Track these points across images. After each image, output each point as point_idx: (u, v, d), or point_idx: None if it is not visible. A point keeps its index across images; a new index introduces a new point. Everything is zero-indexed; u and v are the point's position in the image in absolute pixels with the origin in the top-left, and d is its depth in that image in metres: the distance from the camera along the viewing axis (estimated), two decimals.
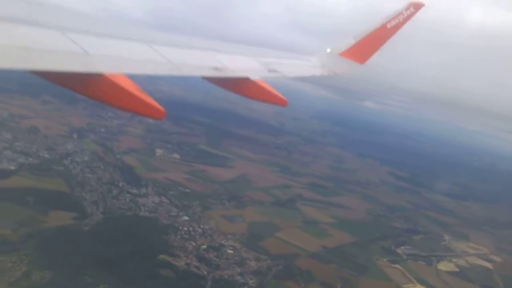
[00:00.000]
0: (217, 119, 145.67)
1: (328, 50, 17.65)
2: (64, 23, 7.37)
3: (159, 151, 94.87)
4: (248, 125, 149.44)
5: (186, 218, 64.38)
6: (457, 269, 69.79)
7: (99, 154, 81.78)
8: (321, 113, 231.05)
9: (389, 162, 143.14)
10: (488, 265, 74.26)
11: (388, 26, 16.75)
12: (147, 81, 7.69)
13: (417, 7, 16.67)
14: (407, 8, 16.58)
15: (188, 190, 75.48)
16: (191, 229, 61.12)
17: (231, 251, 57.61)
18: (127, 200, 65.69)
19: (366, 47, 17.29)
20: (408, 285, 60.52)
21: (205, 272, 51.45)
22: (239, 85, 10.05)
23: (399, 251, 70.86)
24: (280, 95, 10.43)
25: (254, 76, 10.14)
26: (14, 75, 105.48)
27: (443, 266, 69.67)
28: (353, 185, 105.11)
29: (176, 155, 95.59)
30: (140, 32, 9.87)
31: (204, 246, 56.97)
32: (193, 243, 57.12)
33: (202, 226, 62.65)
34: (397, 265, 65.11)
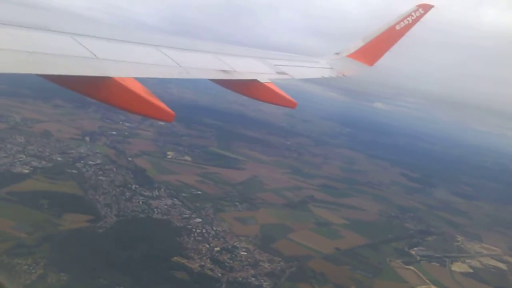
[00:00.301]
0: (227, 121, 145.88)
1: (337, 52, 17.80)
2: (73, 28, 7.61)
3: (170, 154, 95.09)
4: (258, 127, 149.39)
5: (199, 220, 64.43)
6: (471, 270, 69.25)
7: (111, 157, 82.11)
8: (331, 115, 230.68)
9: (400, 163, 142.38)
10: (502, 266, 73.65)
11: (397, 27, 16.94)
12: (157, 85, 7.78)
13: (426, 8, 16.86)
14: (416, 10, 16.81)
15: (200, 192, 75.53)
16: (204, 231, 61.18)
17: (245, 253, 57.56)
18: (140, 202, 65.85)
19: (375, 49, 17.45)
20: (423, 287, 60.13)
21: (219, 274, 51.36)
22: (247, 87, 10.18)
23: (412, 252, 70.46)
24: (289, 97, 10.56)
25: (262, 79, 10.32)
26: (26, 81, 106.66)
27: (457, 267, 69.18)
28: (364, 186, 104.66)
29: (188, 158, 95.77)
30: (149, 36, 10.02)
31: (218, 248, 56.95)
32: (207, 245, 57.14)
33: (215, 228, 62.71)
34: (411, 267, 64.66)
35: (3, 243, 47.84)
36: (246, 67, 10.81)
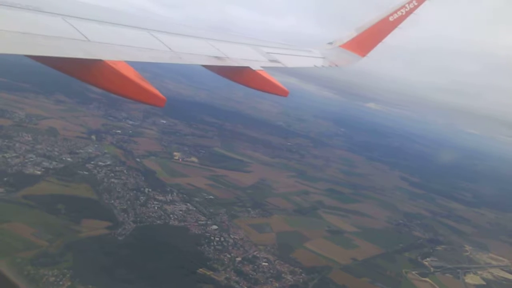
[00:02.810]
0: (226, 119, 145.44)
1: (330, 42, 17.60)
2: (65, 10, 7.44)
3: (177, 154, 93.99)
4: (256, 126, 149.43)
5: (215, 227, 63.65)
6: (483, 282, 69.53)
7: (120, 158, 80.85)
8: (325, 114, 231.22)
9: (399, 166, 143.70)
10: None
11: (390, 19, 16.76)
12: (151, 79, 7.72)
13: (420, 1, 16.70)
14: (410, 2, 16.63)
15: (212, 197, 74.69)
16: (222, 239, 60.45)
17: (266, 264, 56.95)
18: (156, 208, 64.84)
19: (367, 39, 17.27)
20: None
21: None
22: (240, 74, 10.11)
23: (425, 263, 70.50)
24: (281, 85, 10.46)
25: (255, 66, 10.25)
26: (26, 74, 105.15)
27: (470, 279, 69.43)
28: (368, 191, 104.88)
29: (194, 159, 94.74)
30: (141, 20, 9.92)
31: (239, 259, 56.23)
32: (228, 255, 56.40)
33: (232, 236, 62.00)
34: (427, 279, 64.74)
35: (26, 251, 46.72)
36: (239, 54, 10.73)
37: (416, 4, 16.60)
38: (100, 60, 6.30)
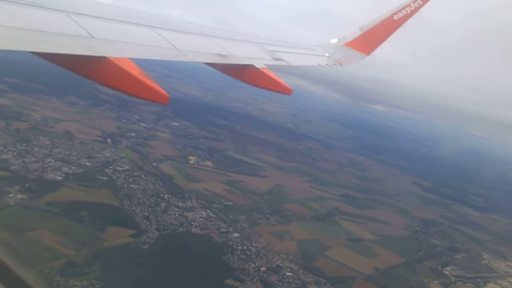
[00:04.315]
0: (236, 121, 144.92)
1: (334, 40, 17.59)
2: (70, 6, 7.43)
3: (192, 159, 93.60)
4: (266, 128, 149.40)
5: (236, 235, 63.32)
6: None
7: (137, 162, 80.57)
8: (332, 116, 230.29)
9: (409, 170, 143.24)
10: None
11: (395, 17, 16.72)
12: (158, 80, 7.11)
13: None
14: (415, 1, 16.56)
15: (230, 203, 74.36)
16: (245, 247, 60.05)
17: (290, 274, 56.49)
18: (177, 214, 64.46)
19: (372, 38, 17.26)
20: None
21: None
22: (243, 72, 10.14)
23: (446, 272, 70.11)
24: (284, 83, 10.46)
25: (259, 64, 10.30)
26: (37, 74, 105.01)
27: None
28: (382, 196, 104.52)
29: (209, 163, 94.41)
30: (145, 16, 9.90)
31: (264, 268, 55.82)
32: (252, 265, 56.00)
33: (254, 245, 61.57)
34: None
35: (54, 261, 46.36)
36: (242, 52, 10.80)
37: (421, 3, 16.58)
38: (104, 57, 6.31)
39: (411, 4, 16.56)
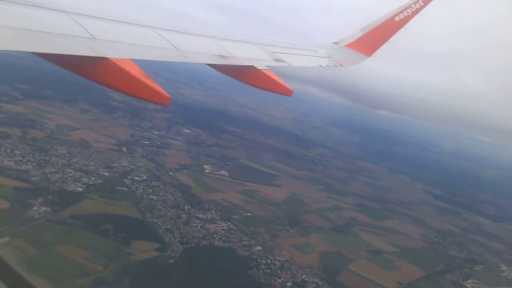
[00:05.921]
0: (246, 128, 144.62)
1: (336, 41, 17.55)
2: (71, 7, 7.43)
3: (207, 167, 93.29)
4: (275, 135, 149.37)
5: (259, 248, 62.90)
6: None
7: (154, 172, 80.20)
8: (338, 121, 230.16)
9: (420, 178, 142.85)
10: None
11: (396, 19, 16.67)
12: (163, 84, 7.16)
13: (426, 1, 16.57)
14: (416, 2, 16.52)
15: (249, 214, 73.95)
16: (269, 261, 59.56)
17: None
18: (198, 227, 64.01)
19: (373, 39, 17.22)
20: None
21: None
22: (245, 74, 10.12)
23: (468, 285, 69.63)
24: (286, 84, 10.43)
25: (260, 65, 10.28)
26: (46, 80, 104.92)
27: None
28: (397, 205, 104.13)
29: (224, 172, 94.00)
30: (147, 17, 9.85)
31: (290, 283, 55.45)
32: (278, 280, 55.54)
33: (278, 258, 61.12)
34: None
35: (84, 277, 46.04)
36: (244, 53, 10.81)
37: (422, 4, 16.49)
38: (105, 58, 6.32)
39: (413, 5, 16.52)
